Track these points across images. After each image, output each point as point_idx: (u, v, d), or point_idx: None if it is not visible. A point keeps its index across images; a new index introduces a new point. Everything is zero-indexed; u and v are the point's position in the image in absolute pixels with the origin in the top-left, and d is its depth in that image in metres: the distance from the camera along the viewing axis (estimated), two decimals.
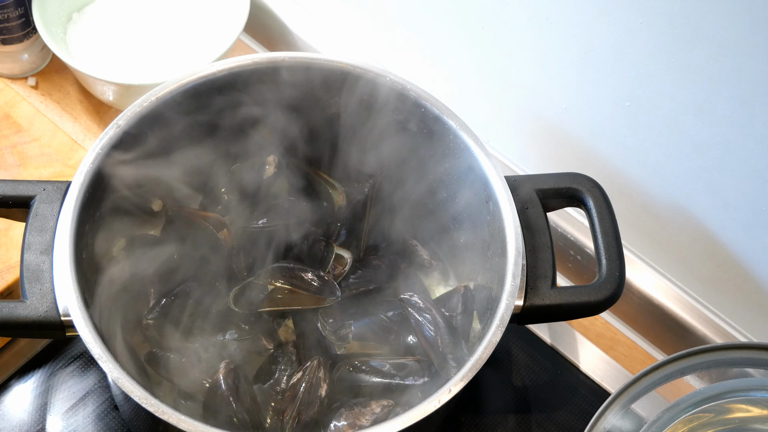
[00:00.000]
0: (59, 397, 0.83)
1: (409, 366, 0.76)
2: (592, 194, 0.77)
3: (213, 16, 1.03)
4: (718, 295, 0.89)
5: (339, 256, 0.83)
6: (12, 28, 0.97)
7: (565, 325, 0.93)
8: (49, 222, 0.71)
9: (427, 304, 0.77)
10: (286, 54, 0.80)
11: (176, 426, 0.61)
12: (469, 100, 0.95)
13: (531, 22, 0.83)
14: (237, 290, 0.80)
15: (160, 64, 0.98)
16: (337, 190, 0.87)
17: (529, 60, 0.86)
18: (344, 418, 0.73)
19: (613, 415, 0.72)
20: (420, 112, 0.79)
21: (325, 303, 0.79)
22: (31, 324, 0.67)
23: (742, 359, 0.75)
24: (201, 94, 0.78)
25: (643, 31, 0.75)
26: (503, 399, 0.88)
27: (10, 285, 0.85)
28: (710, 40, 0.71)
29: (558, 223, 0.95)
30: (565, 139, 0.89)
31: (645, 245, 0.92)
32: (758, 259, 0.83)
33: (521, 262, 0.71)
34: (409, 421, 0.63)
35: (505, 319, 0.68)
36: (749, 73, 0.71)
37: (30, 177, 0.92)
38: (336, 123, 0.84)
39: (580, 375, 0.90)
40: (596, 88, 0.83)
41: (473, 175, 0.77)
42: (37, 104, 1.01)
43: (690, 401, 0.74)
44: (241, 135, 0.84)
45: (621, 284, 0.74)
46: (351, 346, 0.78)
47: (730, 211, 0.81)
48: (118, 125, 0.74)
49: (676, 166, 0.82)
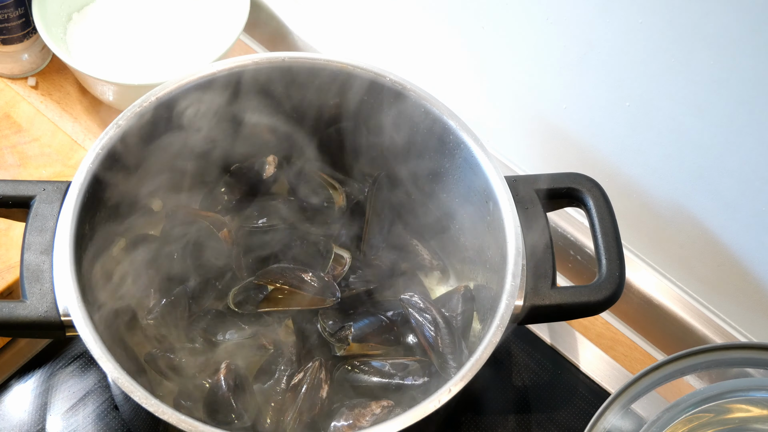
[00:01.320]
0: (59, 397, 0.83)
1: (409, 366, 0.76)
2: (592, 194, 0.77)
3: (213, 16, 1.03)
4: (718, 295, 0.89)
5: (338, 257, 0.83)
6: (12, 28, 0.97)
7: (565, 325, 0.93)
8: (49, 222, 0.71)
9: (427, 304, 0.77)
10: (286, 54, 0.80)
11: (176, 426, 0.61)
12: (470, 101, 0.95)
13: (531, 22, 0.83)
14: (237, 290, 0.80)
15: (160, 64, 0.98)
16: (337, 191, 0.87)
17: (530, 60, 0.86)
18: (344, 419, 0.73)
19: (613, 415, 0.72)
20: (420, 112, 0.79)
21: (325, 304, 0.79)
22: (31, 324, 0.67)
23: (742, 359, 0.75)
24: (201, 94, 0.78)
25: (643, 31, 0.75)
26: (503, 399, 0.88)
27: (10, 285, 0.85)
28: (710, 40, 0.71)
29: (558, 223, 0.95)
30: (565, 139, 0.89)
31: (645, 245, 0.92)
32: (758, 259, 0.83)
33: (521, 262, 0.71)
34: (409, 421, 0.63)
35: (505, 319, 0.68)
36: (749, 73, 0.71)
37: (30, 177, 0.92)
38: (336, 123, 0.84)
39: (580, 375, 0.90)
40: (596, 88, 0.83)
41: (473, 175, 0.77)
42: (37, 104, 1.01)
43: (690, 401, 0.74)
44: (241, 135, 0.84)
45: (621, 284, 0.74)
46: (351, 346, 0.78)
47: (730, 211, 0.81)
48: (118, 125, 0.74)
49: (676, 166, 0.82)
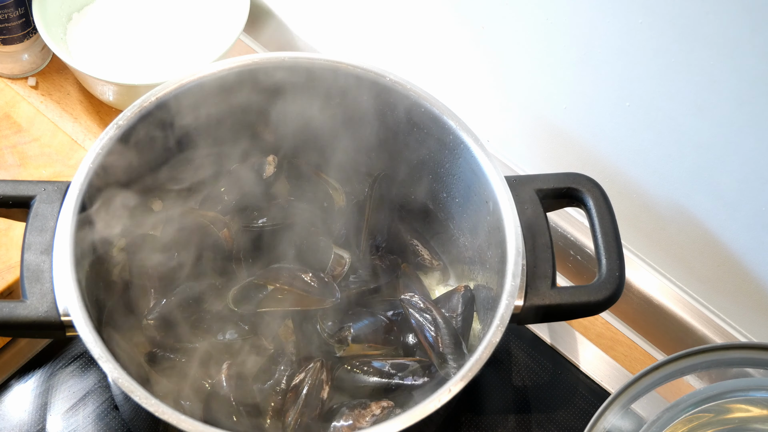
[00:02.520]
0: (59, 397, 0.83)
1: (409, 366, 0.76)
2: (592, 194, 0.77)
3: (213, 16, 1.03)
4: (718, 295, 0.89)
5: (338, 257, 0.83)
6: (12, 28, 0.97)
7: (565, 325, 0.93)
8: (49, 222, 0.71)
9: (428, 305, 0.77)
10: (286, 54, 0.80)
11: (176, 426, 0.61)
12: (469, 100, 0.95)
13: (531, 22, 0.83)
14: (236, 290, 0.80)
15: (160, 64, 0.98)
16: (337, 191, 0.87)
17: (529, 60, 0.86)
18: (344, 419, 0.73)
19: (613, 415, 0.72)
20: (420, 112, 0.79)
21: (325, 304, 0.79)
22: (31, 324, 0.67)
23: (742, 359, 0.75)
24: (201, 94, 0.78)
25: (643, 31, 0.75)
26: (503, 399, 0.88)
27: (10, 285, 0.85)
28: (710, 40, 0.71)
29: (558, 223, 0.95)
30: (565, 139, 0.89)
31: (645, 245, 0.92)
32: (758, 259, 0.83)
33: (521, 262, 0.71)
34: (409, 421, 0.63)
35: (505, 319, 0.68)
36: (749, 73, 0.71)
37: (30, 177, 0.92)
38: (336, 123, 0.84)
39: (580, 375, 0.90)
40: (596, 88, 0.83)
41: (473, 175, 0.77)
42: (37, 104, 1.01)
43: (690, 401, 0.74)
44: (241, 135, 0.84)
45: (621, 284, 0.74)
46: (350, 347, 0.78)
47: (730, 211, 0.81)
48: (118, 125, 0.74)
49: (676, 166, 0.82)
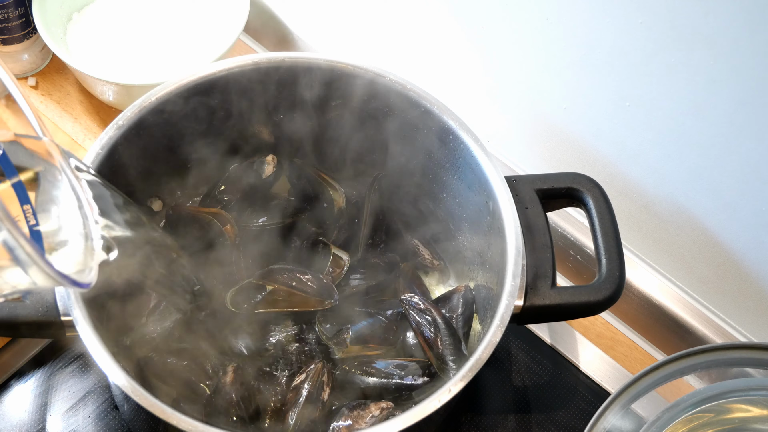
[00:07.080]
0: (59, 397, 0.83)
1: (408, 367, 0.76)
2: (592, 194, 0.77)
3: (213, 16, 1.03)
4: (718, 295, 0.89)
5: (337, 258, 0.83)
6: (12, 28, 0.97)
7: (565, 325, 0.93)
8: None
9: (427, 305, 0.77)
10: (286, 54, 0.80)
11: (176, 426, 0.61)
12: (469, 100, 0.95)
13: (531, 22, 0.83)
14: (234, 291, 0.80)
15: (160, 64, 0.98)
16: (337, 191, 0.87)
17: (529, 60, 0.86)
18: (344, 420, 0.73)
19: (613, 415, 0.72)
20: (420, 112, 0.79)
21: (323, 305, 0.79)
22: (31, 324, 0.67)
23: (742, 359, 0.75)
24: (201, 94, 0.78)
25: (643, 31, 0.75)
26: (503, 399, 0.88)
27: None
28: (710, 40, 0.71)
29: (558, 223, 0.95)
30: (565, 139, 0.89)
31: (645, 245, 0.92)
32: (758, 259, 0.83)
33: (521, 262, 0.71)
34: (409, 422, 0.63)
35: (505, 319, 0.68)
36: (749, 74, 0.71)
37: None
38: (336, 123, 0.84)
39: (580, 375, 0.90)
40: (596, 88, 0.83)
41: (473, 175, 0.77)
42: (37, 104, 1.01)
43: (690, 401, 0.74)
44: (241, 135, 0.84)
45: (621, 284, 0.74)
46: (349, 348, 0.78)
47: (730, 211, 0.81)
48: (118, 125, 0.74)
49: (676, 166, 0.82)
